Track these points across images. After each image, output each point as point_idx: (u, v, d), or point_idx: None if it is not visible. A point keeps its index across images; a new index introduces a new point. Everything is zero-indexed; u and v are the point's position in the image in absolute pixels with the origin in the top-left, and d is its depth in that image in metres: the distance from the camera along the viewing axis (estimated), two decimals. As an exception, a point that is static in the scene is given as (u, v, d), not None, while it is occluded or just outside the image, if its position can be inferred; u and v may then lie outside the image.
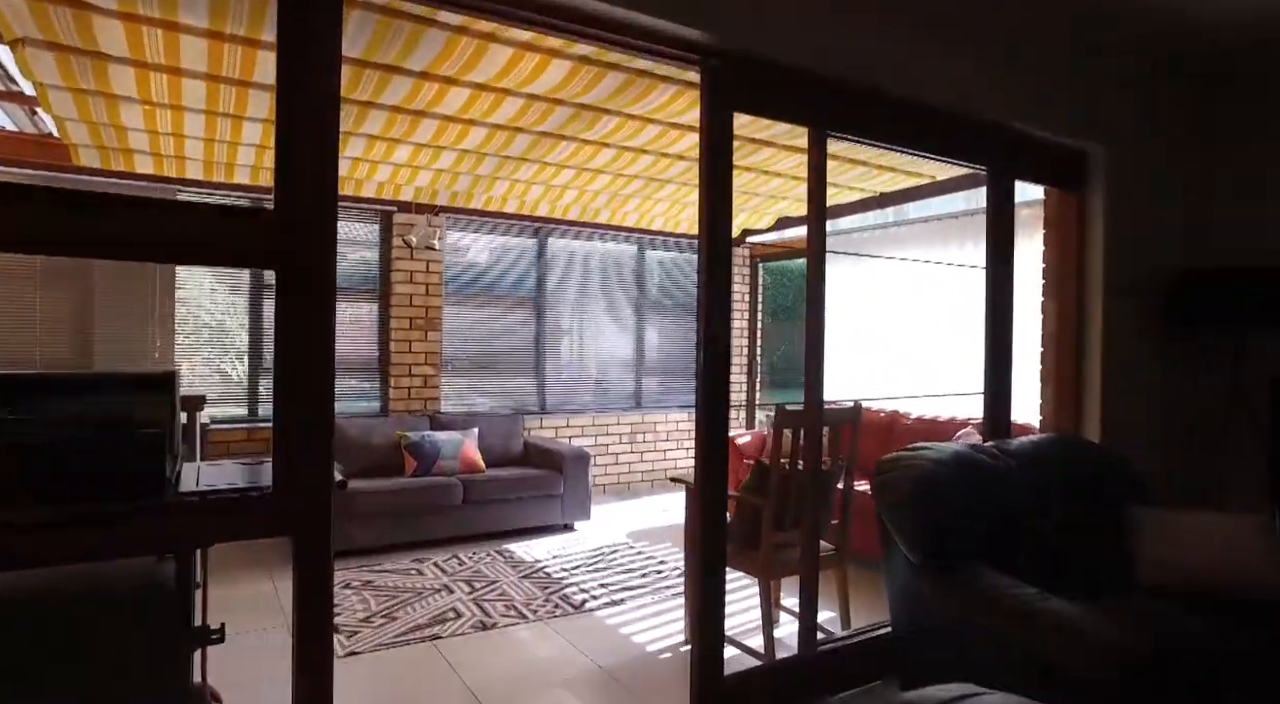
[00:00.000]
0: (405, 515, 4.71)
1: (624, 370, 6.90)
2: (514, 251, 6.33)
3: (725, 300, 2.50)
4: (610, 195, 5.28)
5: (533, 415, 6.30)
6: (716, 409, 2.50)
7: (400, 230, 5.65)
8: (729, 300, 2.51)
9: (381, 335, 5.75)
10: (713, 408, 2.49)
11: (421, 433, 5.20)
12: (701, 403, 2.49)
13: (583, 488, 5.36)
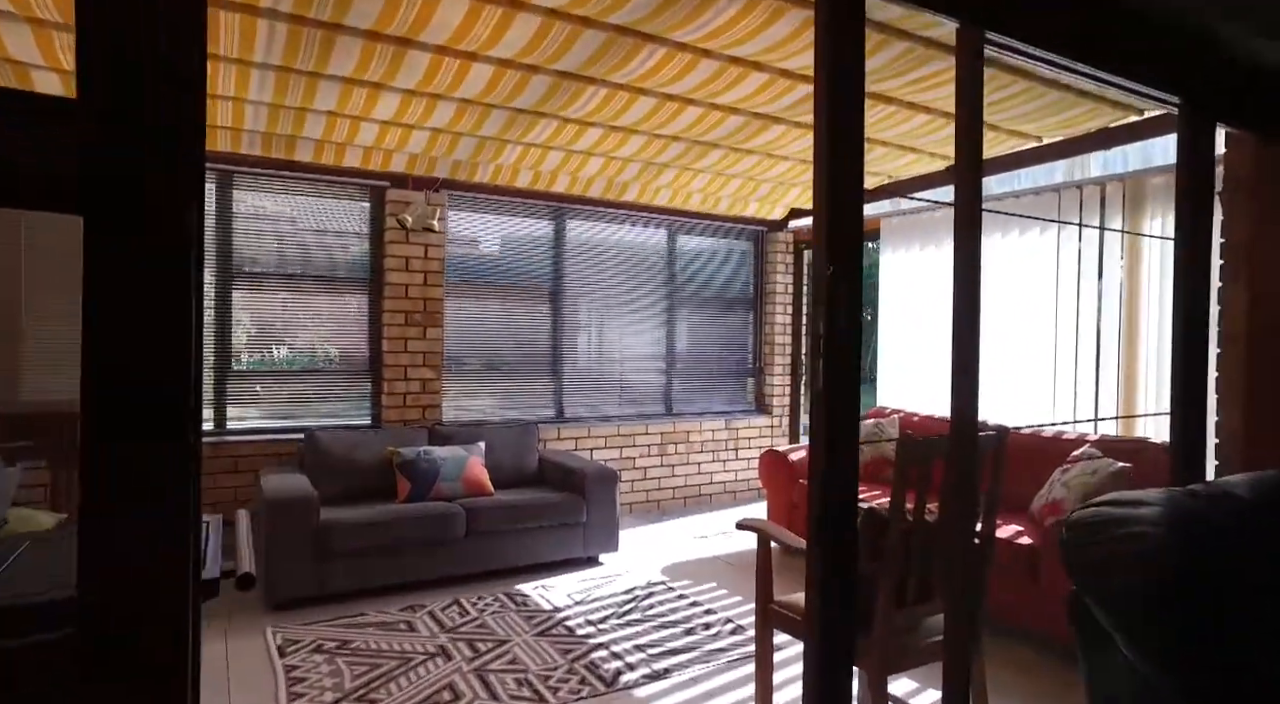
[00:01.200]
0: (395, 552, 3.87)
1: (653, 372, 6.04)
2: (527, 235, 5.48)
3: (854, 282, 1.62)
4: (642, 166, 4.42)
5: (549, 425, 5.45)
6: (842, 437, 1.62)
7: (394, 210, 4.81)
8: (859, 283, 1.63)
9: (373, 333, 4.91)
10: (838, 437, 1.61)
11: (417, 449, 4.35)
12: (821, 429, 1.61)
13: (609, 513, 4.50)
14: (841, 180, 1.61)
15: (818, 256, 1.61)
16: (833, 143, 1.60)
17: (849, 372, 1.60)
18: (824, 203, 1.59)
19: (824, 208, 1.58)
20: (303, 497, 3.67)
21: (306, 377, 4.75)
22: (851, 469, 1.65)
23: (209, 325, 4.42)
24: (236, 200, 4.48)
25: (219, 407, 4.47)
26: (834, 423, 1.59)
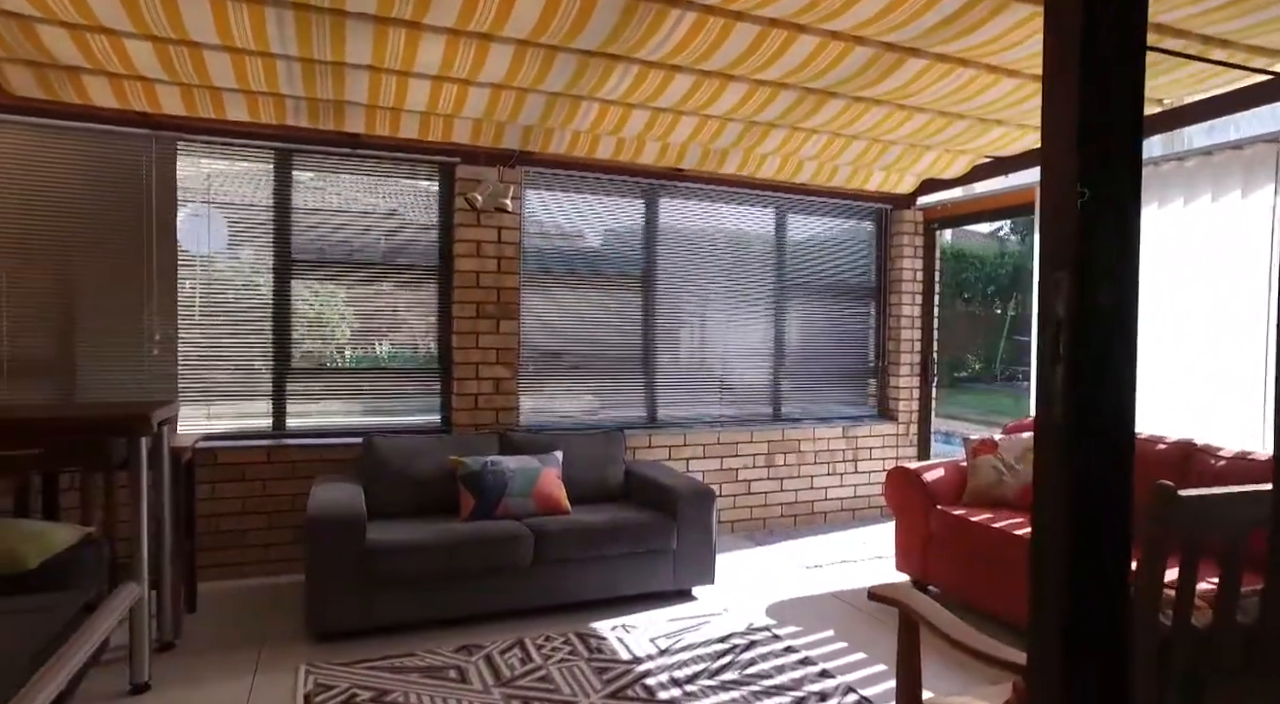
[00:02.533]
0: (452, 579, 3.34)
1: (759, 373, 5.28)
2: (615, 217, 4.85)
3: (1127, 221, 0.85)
4: (743, 126, 3.68)
5: (639, 432, 4.82)
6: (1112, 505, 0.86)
7: (464, 188, 4.30)
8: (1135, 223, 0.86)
9: (442, 326, 4.43)
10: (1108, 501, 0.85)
11: (484, 458, 3.82)
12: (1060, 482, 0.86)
13: (704, 539, 3.81)
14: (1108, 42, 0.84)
15: (1052, 182, 0.86)
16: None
17: (1119, 382, 0.83)
18: (1075, 76, 0.83)
19: (1074, 82, 0.83)
20: (348, 515, 3.20)
21: (371, 375, 4.32)
22: (1120, 554, 0.88)
23: (265, 319, 4.06)
24: (296, 182, 4.09)
25: (277, 407, 4.10)
26: (1088, 473, 0.84)
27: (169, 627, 3.09)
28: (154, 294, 3.79)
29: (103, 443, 2.62)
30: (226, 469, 3.87)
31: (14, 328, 3.60)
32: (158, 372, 3.81)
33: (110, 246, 3.72)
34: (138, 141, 3.73)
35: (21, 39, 2.70)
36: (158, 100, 3.20)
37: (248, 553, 3.92)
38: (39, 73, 3.01)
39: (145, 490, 2.68)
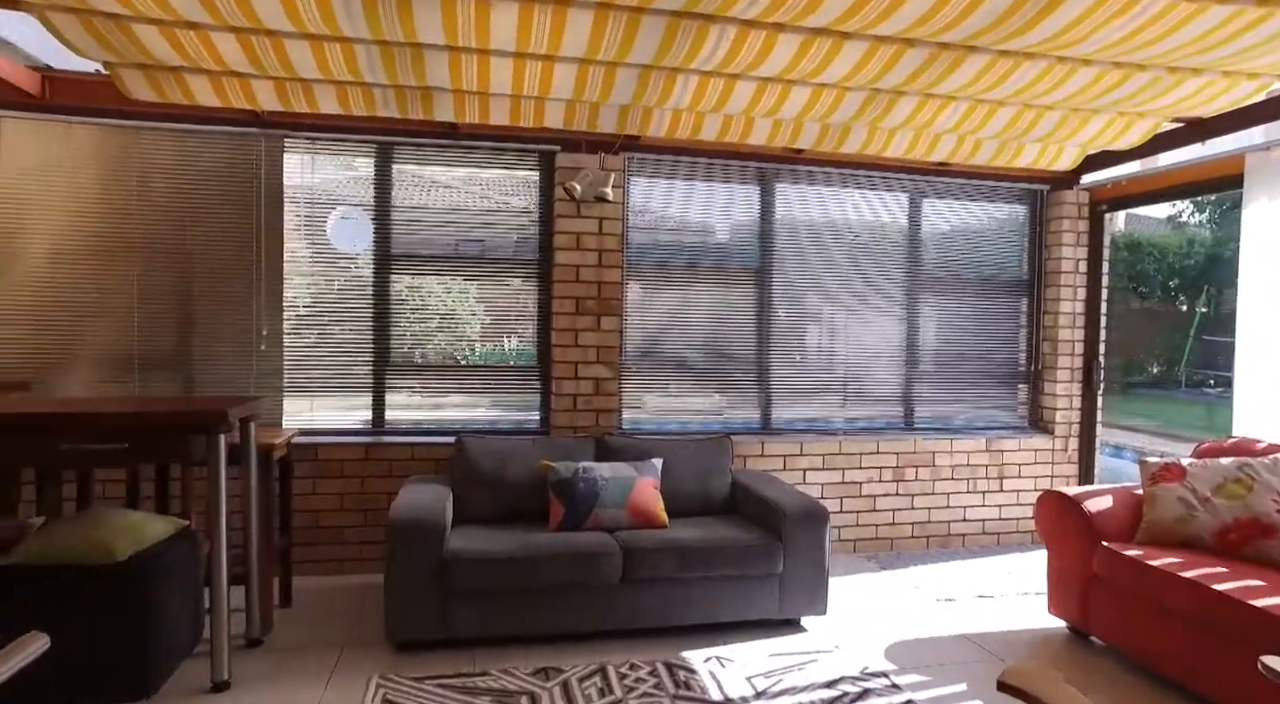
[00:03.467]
0: (534, 595, 3.12)
1: (888, 376, 4.74)
2: (727, 205, 4.49)
3: None
4: (866, 96, 3.21)
5: (751, 438, 4.43)
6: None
7: (563, 177, 4.09)
8: None
9: (541, 323, 4.26)
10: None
11: (577, 464, 3.58)
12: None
13: (815, 564, 3.38)
14: None
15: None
16: None
17: None
18: None
19: None
20: (426, 521, 3.06)
21: (469, 372, 4.21)
22: None
23: (365, 315, 4.03)
24: (397, 176, 4.04)
25: (377, 403, 4.08)
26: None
27: (256, 623, 3.07)
28: (262, 291, 3.85)
29: (183, 439, 2.60)
30: (326, 465, 3.88)
31: (143, 326, 3.76)
32: (265, 367, 3.87)
33: (224, 245, 3.81)
34: (248, 141, 3.80)
35: (124, 40, 2.74)
36: (254, 96, 3.20)
37: (346, 550, 3.91)
38: (149, 75, 3.08)
39: (223, 486, 2.64)
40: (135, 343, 3.76)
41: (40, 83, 3.65)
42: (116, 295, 3.73)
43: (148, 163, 3.73)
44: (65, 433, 2.53)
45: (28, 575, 2.57)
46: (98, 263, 3.71)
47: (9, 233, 3.63)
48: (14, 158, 3.63)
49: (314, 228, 3.98)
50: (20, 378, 3.62)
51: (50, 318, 3.68)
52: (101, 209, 3.71)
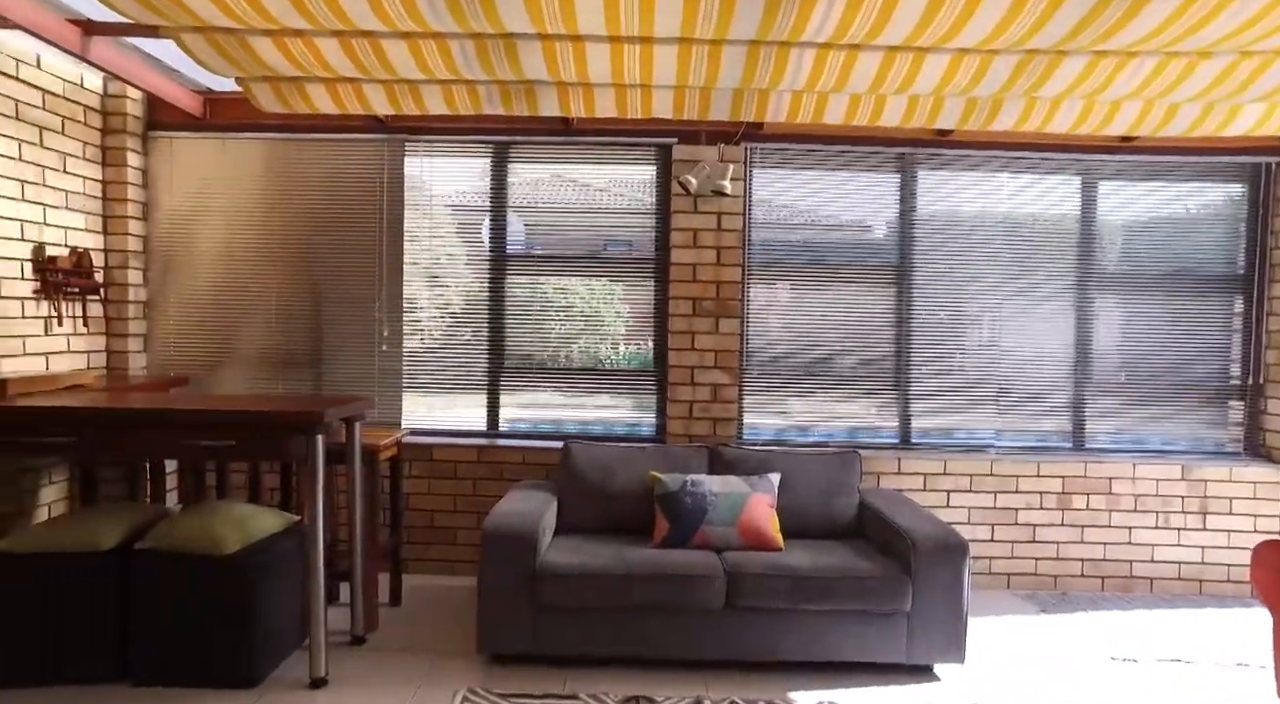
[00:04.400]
0: (630, 615, 2.93)
1: (1054, 386, 4.10)
2: (860, 196, 4.07)
3: None
4: (1018, 58, 2.73)
5: (886, 453, 3.99)
6: None
7: (680, 171, 3.88)
8: None
9: (658, 325, 4.06)
10: None
11: (685, 477, 3.35)
12: None
13: (951, 603, 2.93)
14: None
15: None
16: None
17: None
18: None
19: None
20: (519, 531, 2.95)
21: (584, 376, 4.10)
22: None
23: (481, 316, 4.03)
24: (512, 175, 4.01)
25: (491, 405, 4.07)
26: None
27: (360, 621, 3.11)
28: (383, 293, 3.96)
29: (283, 438, 2.66)
30: (440, 466, 3.92)
31: (283, 326, 3.98)
32: (386, 367, 3.97)
33: (351, 249, 3.95)
34: (372, 146, 3.92)
35: (245, 55, 2.86)
36: (367, 100, 3.26)
37: (458, 551, 3.92)
38: (274, 87, 3.22)
39: (320, 485, 2.67)
40: (276, 342, 3.98)
41: (202, 104, 3.97)
42: (262, 298, 3.97)
43: (287, 173, 3.94)
44: (182, 428, 2.65)
45: (152, 559, 2.73)
46: (247, 268, 3.97)
47: (179, 242, 3.97)
48: (182, 174, 3.96)
49: (432, 230, 4.03)
50: (182, 374, 3.94)
51: (208, 319, 3.98)
52: (250, 218, 3.96)
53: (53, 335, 3.48)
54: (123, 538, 2.78)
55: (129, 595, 2.74)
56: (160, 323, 3.99)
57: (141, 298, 3.95)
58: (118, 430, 2.68)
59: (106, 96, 3.78)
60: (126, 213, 3.82)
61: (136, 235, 3.89)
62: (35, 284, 3.38)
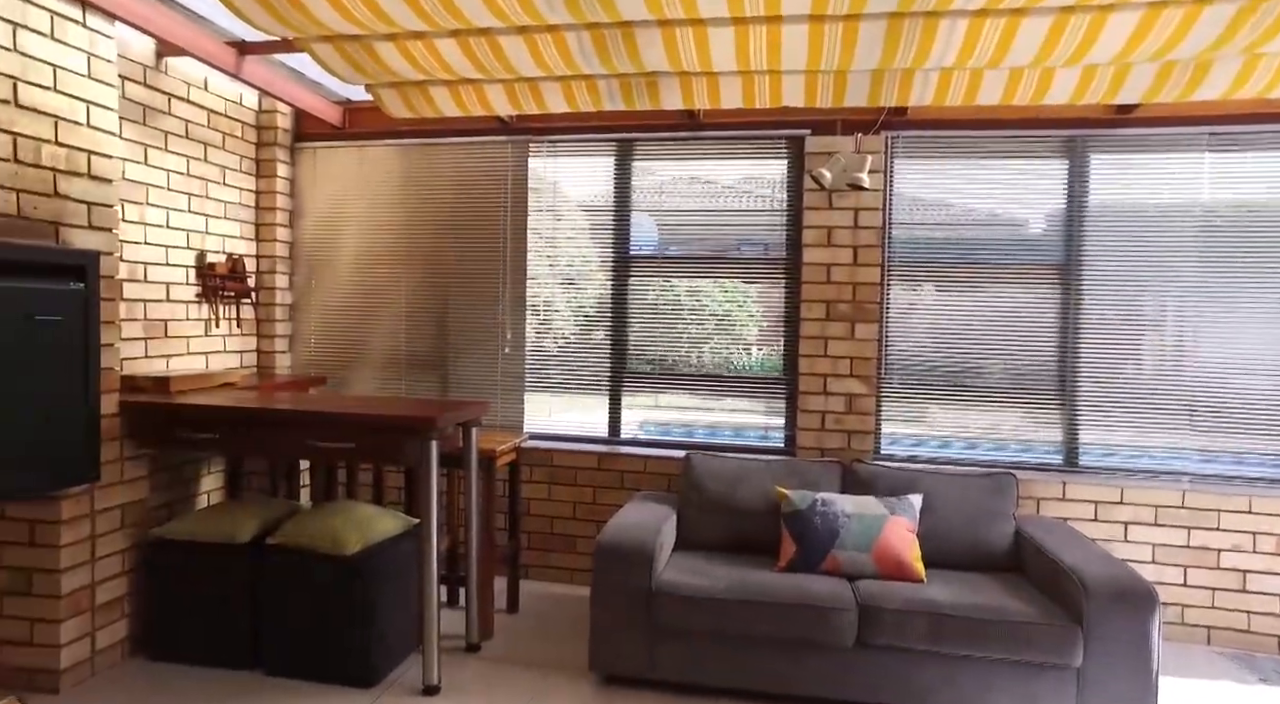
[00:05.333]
0: (748, 645, 2.70)
1: (1269, 403, 3.45)
2: (1018, 185, 3.61)
3: None
4: (1234, 10, 2.26)
5: (1049, 476, 3.51)
6: None
7: (813, 164, 3.60)
8: None
9: (788, 329, 3.80)
10: None
11: (816, 495, 3.08)
12: None
13: (1136, 660, 2.48)
14: None
15: None
16: None
17: None
18: None
19: None
20: (634, 546, 2.80)
21: (709, 383, 3.90)
22: None
23: (604, 319, 3.94)
24: (636, 174, 3.88)
25: (613, 411, 3.95)
26: None
27: (475, 628, 3.08)
28: (506, 295, 3.95)
29: (397, 442, 2.65)
30: (561, 472, 3.85)
31: (410, 329, 4.07)
32: (509, 370, 3.96)
33: (475, 252, 3.98)
34: (497, 148, 3.92)
35: (371, 61, 2.90)
36: (488, 101, 3.23)
37: (577, 560, 3.84)
38: (400, 92, 3.27)
39: (434, 489, 2.65)
40: (405, 344, 4.08)
41: (342, 115, 4.14)
42: (393, 301, 4.08)
43: (417, 178, 4.03)
44: (304, 429, 2.71)
45: (280, 555, 2.82)
46: (380, 271, 4.09)
47: (320, 247, 4.16)
48: (324, 182, 4.14)
49: (555, 231, 3.98)
50: (321, 374, 4.12)
51: (345, 321, 4.14)
52: (383, 222, 4.08)
53: (211, 336, 3.72)
54: (257, 532, 2.90)
55: (261, 587, 2.84)
56: (303, 324, 4.19)
57: (287, 301, 4.17)
58: (246, 428, 2.79)
59: (260, 112, 4.01)
60: (275, 220, 4.04)
61: (284, 242, 4.11)
62: (197, 289, 3.62)
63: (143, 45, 3.28)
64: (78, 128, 2.68)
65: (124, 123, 3.20)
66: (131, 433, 2.87)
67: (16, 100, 2.49)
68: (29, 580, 2.69)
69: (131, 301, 3.25)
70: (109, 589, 2.85)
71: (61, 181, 2.63)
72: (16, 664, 2.70)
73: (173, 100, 3.44)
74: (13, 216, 2.48)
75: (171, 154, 3.45)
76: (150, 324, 3.36)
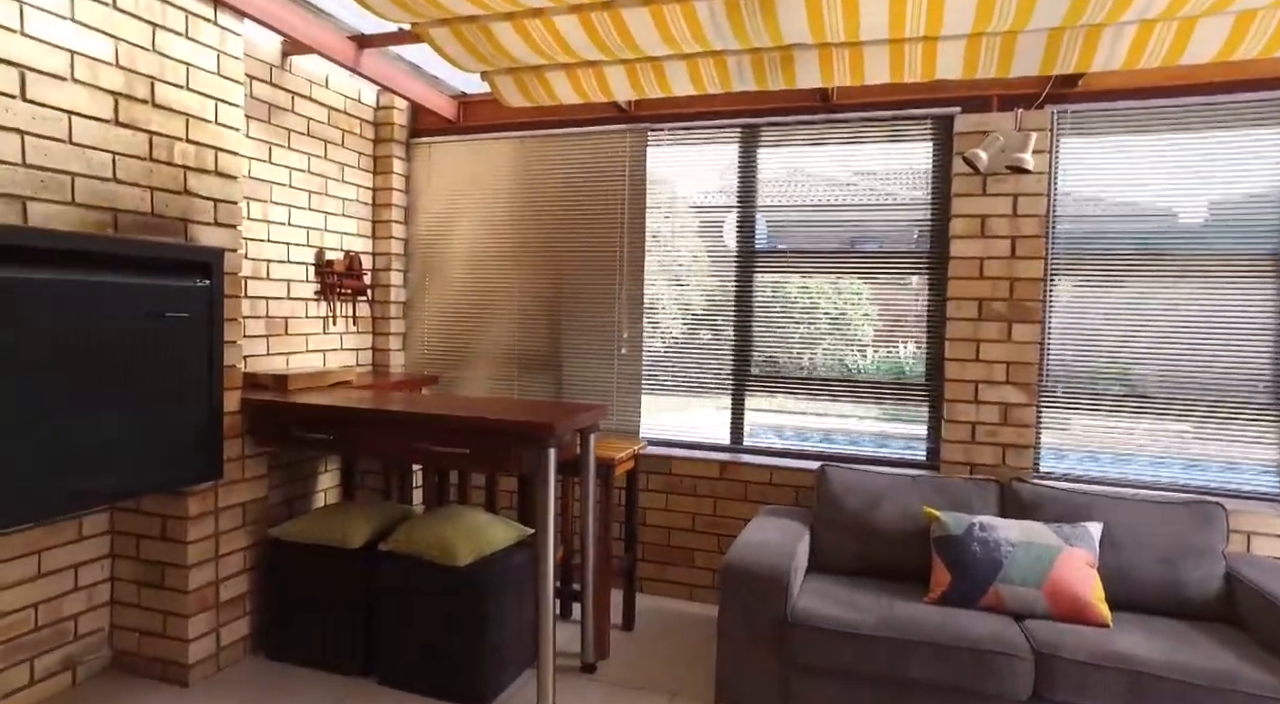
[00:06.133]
0: (899, 689, 2.36)
1: None
2: (1217, 162, 3.07)
3: None
4: None
5: (1265, 505, 2.96)
6: None
7: (964, 145, 3.20)
8: None
9: (931, 330, 3.41)
10: None
11: (973, 518, 2.70)
12: None
13: (1400, 745, 1.99)
14: None
15: None
16: None
17: None
18: None
19: None
20: (767, 571, 2.51)
21: (841, 388, 3.56)
22: None
23: (726, 319, 3.67)
24: (761, 163, 3.59)
25: (736, 417, 3.68)
26: None
27: (590, 647, 2.88)
28: (623, 293, 3.75)
29: (512, 449, 2.48)
30: (679, 481, 3.61)
31: (522, 328, 3.94)
32: (625, 372, 3.76)
33: (591, 247, 3.79)
34: (614, 138, 3.72)
35: (488, 45, 2.76)
36: (608, 86, 3.03)
37: (696, 575, 3.59)
38: (516, 79, 3.12)
39: (551, 502, 2.46)
40: (518, 343, 3.95)
41: (456, 108, 4.06)
42: (506, 298, 3.97)
43: (532, 171, 3.89)
44: (417, 431, 2.59)
45: (392, 562, 2.72)
46: (493, 268, 3.99)
47: (433, 244, 4.10)
48: (439, 178, 4.08)
49: (673, 225, 3.75)
50: (434, 373, 4.06)
51: (457, 319, 4.06)
52: (496, 218, 3.97)
53: (328, 334, 3.72)
54: (369, 537, 2.81)
55: (374, 594, 2.75)
56: (417, 322, 4.14)
57: (401, 298, 4.13)
58: (357, 429, 2.70)
59: (378, 108, 3.99)
60: (390, 217, 4.01)
61: (399, 239, 4.07)
62: (316, 286, 3.62)
63: (270, 45, 3.28)
64: (206, 125, 2.67)
65: (250, 122, 3.21)
66: (251, 430, 2.84)
67: (154, 99, 2.49)
68: (161, 574, 2.70)
69: (255, 299, 3.26)
70: (232, 586, 2.84)
71: (191, 179, 2.62)
72: (152, 654, 2.73)
73: (296, 98, 3.44)
74: (146, 214, 2.48)
75: (294, 151, 3.45)
76: (272, 321, 3.36)
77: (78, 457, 2.19)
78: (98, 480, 2.26)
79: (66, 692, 2.63)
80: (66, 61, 2.24)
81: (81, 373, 2.19)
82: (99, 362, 2.23)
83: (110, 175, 2.36)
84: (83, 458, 2.21)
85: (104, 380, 2.25)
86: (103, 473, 2.27)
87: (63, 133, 2.24)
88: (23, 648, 2.52)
